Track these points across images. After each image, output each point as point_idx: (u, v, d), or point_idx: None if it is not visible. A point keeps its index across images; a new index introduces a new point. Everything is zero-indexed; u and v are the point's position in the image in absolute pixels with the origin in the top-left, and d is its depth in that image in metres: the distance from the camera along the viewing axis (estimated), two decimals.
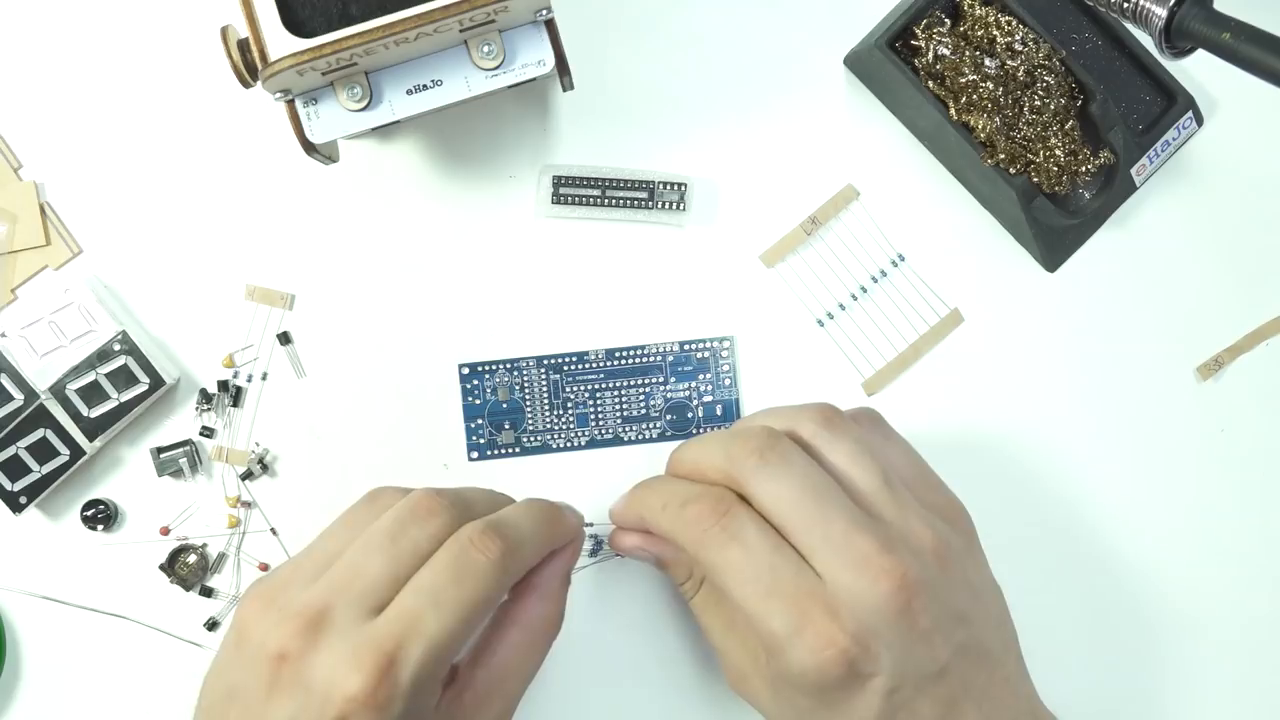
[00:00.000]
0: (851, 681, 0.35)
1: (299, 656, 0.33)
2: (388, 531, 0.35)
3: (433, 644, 0.33)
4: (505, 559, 0.35)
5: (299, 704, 0.33)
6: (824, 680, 0.35)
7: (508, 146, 0.46)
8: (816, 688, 0.35)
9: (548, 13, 0.37)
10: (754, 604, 0.35)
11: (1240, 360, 0.48)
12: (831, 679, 0.35)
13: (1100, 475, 0.47)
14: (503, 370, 0.45)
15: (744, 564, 0.36)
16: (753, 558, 0.36)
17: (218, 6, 0.44)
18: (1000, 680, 0.38)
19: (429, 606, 0.33)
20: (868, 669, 0.35)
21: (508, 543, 0.35)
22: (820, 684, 0.35)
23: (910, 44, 0.45)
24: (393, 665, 0.32)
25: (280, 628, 0.33)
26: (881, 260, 0.47)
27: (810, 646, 0.34)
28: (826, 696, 0.35)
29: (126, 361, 0.43)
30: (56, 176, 0.45)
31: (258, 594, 0.35)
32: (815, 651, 0.34)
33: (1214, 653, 0.47)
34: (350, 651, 0.32)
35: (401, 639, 0.33)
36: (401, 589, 0.34)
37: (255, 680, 0.33)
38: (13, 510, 0.43)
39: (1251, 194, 0.48)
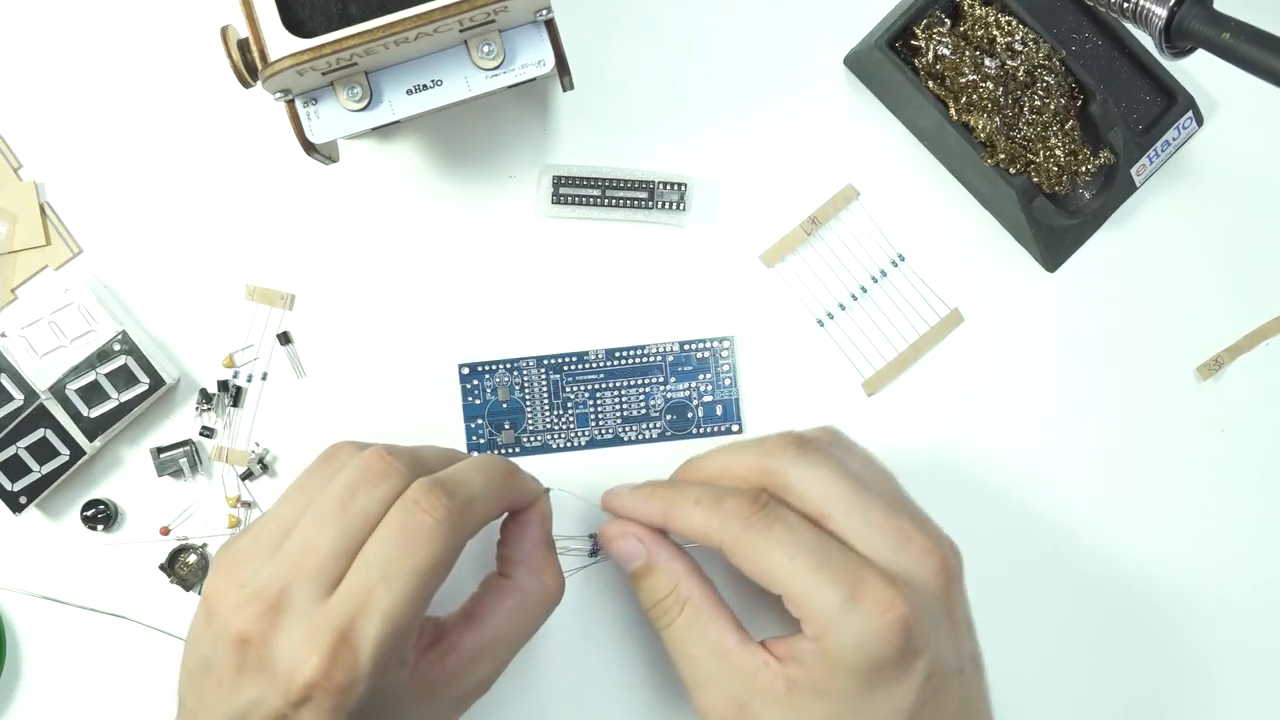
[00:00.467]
0: (903, 657, 0.34)
1: (261, 640, 0.33)
2: (338, 499, 0.35)
3: (387, 618, 0.33)
4: (454, 518, 0.34)
5: (263, 688, 0.33)
6: (883, 650, 0.34)
7: (508, 146, 0.46)
8: (871, 662, 0.34)
9: (548, 13, 0.37)
10: (803, 577, 0.35)
11: (1240, 360, 0.48)
12: (891, 648, 0.34)
13: (1100, 475, 0.47)
14: (503, 370, 0.45)
15: (790, 540, 0.35)
16: (799, 536, 0.35)
17: (218, 6, 0.44)
18: (986, 699, 0.38)
19: (379, 580, 0.33)
20: (919, 644, 0.34)
21: (455, 500, 0.35)
22: (876, 656, 0.34)
23: (910, 44, 0.45)
24: (348, 645, 0.32)
25: (242, 610, 0.33)
26: (881, 260, 0.47)
27: (870, 612, 0.34)
28: (878, 674, 0.34)
29: (126, 361, 0.43)
30: (56, 176, 0.45)
31: (222, 566, 0.35)
32: (876, 616, 0.34)
33: (1214, 653, 0.47)
34: (308, 634, 0.33)
35: (354, 616, 0.33)
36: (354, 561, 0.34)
37: (224, 659, 0.34)
38: (13, 510, 0.43)
39: (1251, 194, 0.48)
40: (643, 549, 0.39)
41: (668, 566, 0.39)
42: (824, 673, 0.35)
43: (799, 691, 0.35)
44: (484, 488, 0.36)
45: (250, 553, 0.35)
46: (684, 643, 0.38)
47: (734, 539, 0.36)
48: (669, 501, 0.39)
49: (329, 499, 0.35)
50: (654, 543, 0.39)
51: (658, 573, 0.39)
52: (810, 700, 0.35)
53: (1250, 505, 0.47)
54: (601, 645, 0.45)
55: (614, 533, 0.40)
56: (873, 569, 0.35)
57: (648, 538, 0.39)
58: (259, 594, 0.34)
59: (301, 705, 0.32)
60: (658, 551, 0.39)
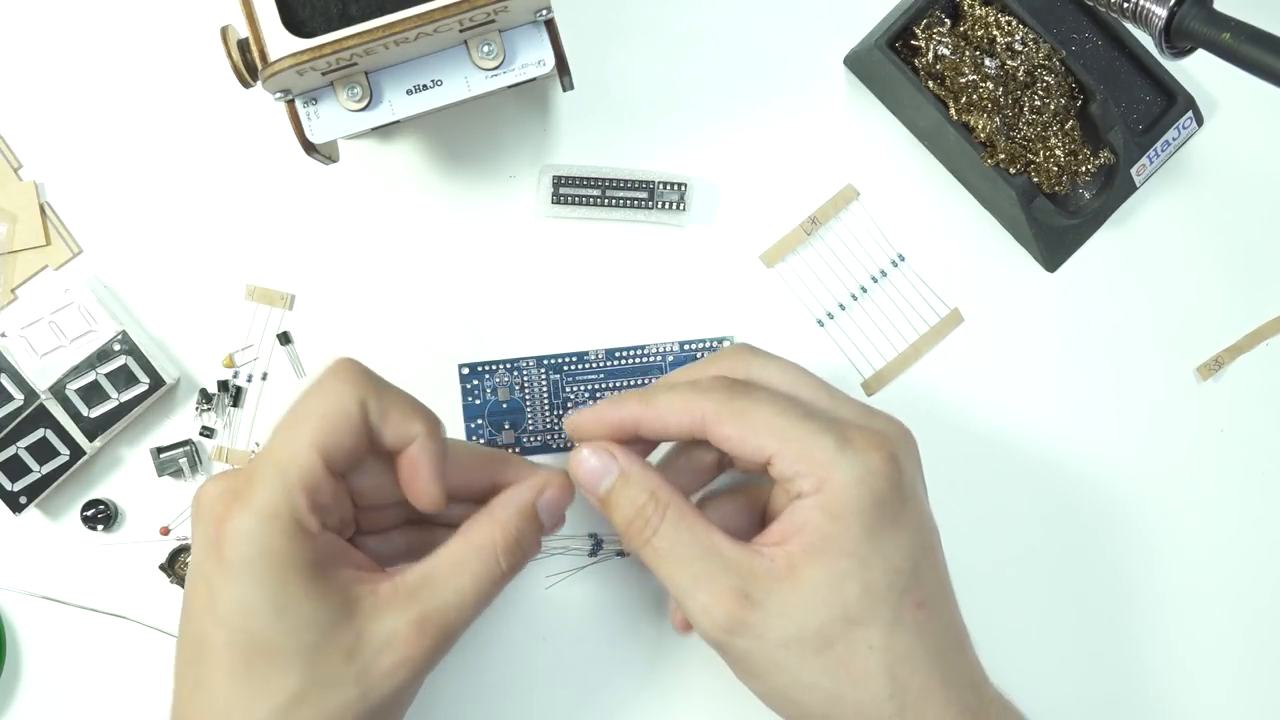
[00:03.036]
0: (901, 494, 0.35)
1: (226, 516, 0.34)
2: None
3: (281, 457, 0.34)
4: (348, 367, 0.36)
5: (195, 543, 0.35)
6: (882, 485, 0.35)
7: (508, 146, 0.46)
8: (873, 499, 0.35)
9: (548, 13, 0.37)
10: (797, 427, 0.35)
11: (1240, 360, 0.48)
12: (889, 482, 0.35)
13: (1100, 475, 0.47)
14: (503, 370, 0.45)
15: (773, 401, 0.36)
16: (779, 397, 0.37)
17: (218, 6, 0.44)
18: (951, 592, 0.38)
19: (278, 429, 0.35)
20: (910, 487, 0.36)
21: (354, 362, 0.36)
22: (877, 491, 0.35)
23: (910, 44, 0.45)
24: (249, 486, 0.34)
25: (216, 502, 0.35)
26: (881, 260, 0.47)
27: (864, 451, 0.35)
28: (882, 513, 0.35)
29: (126, 361, 0.43)
30: (56, 176, 0.45)
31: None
32: (870, 452, 0.35)
33: (1213, 653, 0.47)
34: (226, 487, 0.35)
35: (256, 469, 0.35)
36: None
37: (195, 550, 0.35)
38: (13, 510, 0.43)
39: (1251, 194, 0.48)
40: (615, 463, 0.37)
41: (643, 474, 0.37)
42: (829, 526, 0.35)
43: (804, 564, 0.35)
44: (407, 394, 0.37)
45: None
46: (673, 547, 0.36)
47: (719, 404, 0.36)
48: (641, 399, 0.38)
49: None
50: (625, 454, 0.38)
51: (633, 481, 0.37)
52: (818, 566, 0.35)
53: (1250, 505, 0.47)
54: (602, 645, 0.45)
55: (581, 453, 0.38)
56: (852, 424, 0.36)
57: (618, 450, 0.38)
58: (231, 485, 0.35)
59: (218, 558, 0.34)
60: (630, 462, 0.37)
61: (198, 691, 0.34)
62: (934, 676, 0.35)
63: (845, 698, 0.35)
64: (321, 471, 0.35)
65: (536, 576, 0.45)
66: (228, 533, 0.33)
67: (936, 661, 0.35)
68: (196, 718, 0.34)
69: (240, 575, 0.33)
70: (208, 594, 0.34)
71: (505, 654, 0.45)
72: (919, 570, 0.36)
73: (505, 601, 0.45)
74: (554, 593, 0.45)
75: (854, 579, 0.35)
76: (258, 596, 0.33)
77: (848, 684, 0.35)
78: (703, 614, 0.35)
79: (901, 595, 0.35)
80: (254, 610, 0.33)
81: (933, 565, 0.37)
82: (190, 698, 0.34)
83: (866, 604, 0.35)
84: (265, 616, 0.33)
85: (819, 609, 0.34)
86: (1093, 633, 0.46)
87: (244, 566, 0.33)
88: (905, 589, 0.35)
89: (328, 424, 0.35)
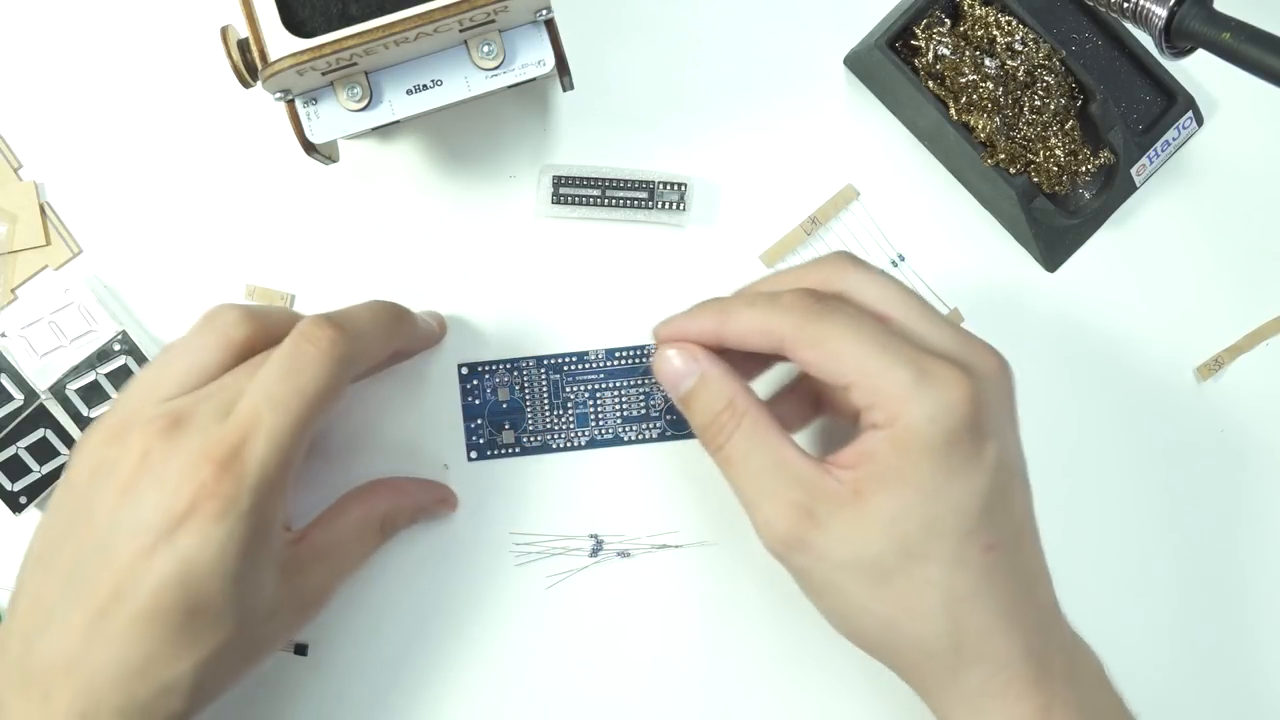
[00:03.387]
0: (976, 434, 0.34)
1: (161, 450, 0.34)
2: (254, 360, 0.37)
3: (272, 439, 0.34)
4: (338, 347, 0.36)
5: (153, 498, 0.34)
6: (956, 424, 0.34)
7: (508, 146, 0.46)
8: (946, 437, 0.34)
9: (548, 13, 0.37)
10: (874, 358, 0.35)
11: (1240, 360, 0.48)
12: (964, 422, 0.34)
13: (1100, 475, 0.47)
14: (503, 370, 0.45)
15: (855, 326, 0.35)
16: (862, 322, 0.35)
17: (218, 6, 0.44)
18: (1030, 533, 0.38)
19: (264, 405, 0.35)
20: (988, 425, 0.35)
21: (341, 332, 0.36)
22: (951, 430, 0.34)
23: (910, 44, 0.45)
24: (238, 459, 0.34)
25: (145, 430, 0.35)
26: (881, 260, 0.47)
27: (941, 387, 0.34)
28: (952, 452, 0.34)
29: (126, 361, 0.43)
30: (56, 176, 0.45)
31: (108, 419, 0.36)
32: (947, 390, 0.34)
33: (1211, 653, 0.47)
34: (202, 446, 0.34)
35: (244, 436, 0.34)
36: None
37: (108, 487, 0.35)
38: (13, 510, 0.43)
39: (1251, 194, 0.48)
40: (696, 365, 0.38)
41: (722, 380, 0.37)
42: (897, 460, 0.34)
43: (869, 492, 0.35)
44: (370, 325, 0.38)
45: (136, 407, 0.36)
46: (745, 456, 0.37)
47: (796, 329, 0.36)
48: (721, 309, 0.38)
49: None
50: (707, 358, 0.38)
51: (712, 386, 0.37)
52: (883, 496, 0.34)
53: (1250, 505, 0.47)
54: (602, 645, 0.45)
55: (666, 353, 0.38)
56: (936, 352, 0.35)
57: (700, 353, 0.38)
58: (161, 415, 0.35)
59: (182, 523, 0.33)
60: (710, 366, 0.38)
61: (97, 630, 0.33)
62: (997, 620, 0.35)
63: (901, 628, 0.35)
64: (300, 453, 0.35)
65: (537, 576, 0.45)
66: (206, 506, 0.33)
67: (1001, 605, 0.35)
68: (93, 657, 0.33)
69: (209, 544, 0.33)
70: (151, 546, 0.33)
71: (505, 654, 0.45)
72: (991, 512, 0.35)
73: (505, 601, 0.45)
74: (554, 593, 0.45)
75: (916, 515, 0.34)
76: (222, 566, 0.34)
77: (904, 616, 0.35)
78: (765, 526, 0.36)
79: (968, 536, 0.34)
80: (213, 575, 0.34)
81: (1007, 507, 0.35)
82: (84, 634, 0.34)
83: (929, 541, 0.34)
84: (221, 582, 0.34)
85: (880, 539, 0.34)
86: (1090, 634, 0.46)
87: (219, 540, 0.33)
88: (972, 530, 0.34)
89: (316, 408, 0.35)
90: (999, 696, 0.35)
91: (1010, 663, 0.35)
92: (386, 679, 0.44)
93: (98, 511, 0.34)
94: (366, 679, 0.44)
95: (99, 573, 0.34)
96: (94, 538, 0.34)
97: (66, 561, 0.35)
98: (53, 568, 0.35)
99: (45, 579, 0.35)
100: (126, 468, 0.34)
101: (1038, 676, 0.35)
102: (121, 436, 0.35)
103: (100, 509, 0.34)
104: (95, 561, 0.34)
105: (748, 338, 0.37)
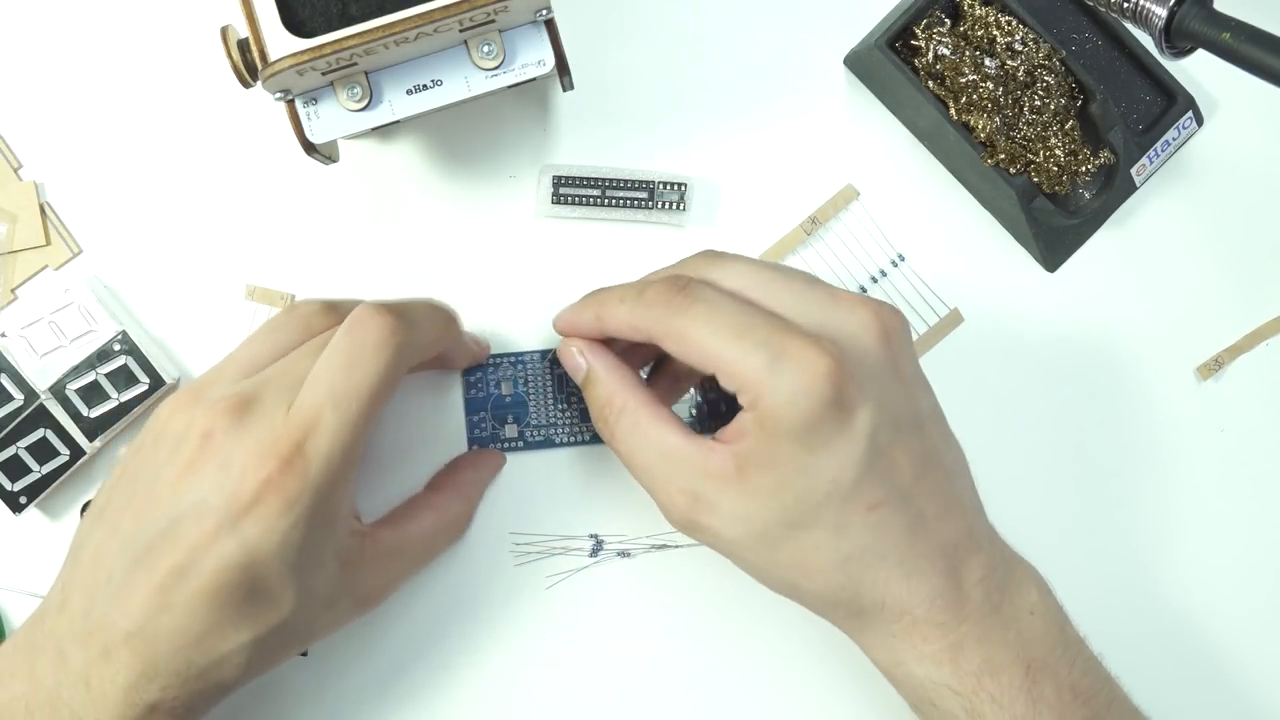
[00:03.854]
0: (840, 409, 0.35)
1: (225, 433, 0.35)
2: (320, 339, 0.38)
3: (335, 436, 0.35)
4: (396, 336, 0.36)
5: (216, 480, 0.34)
6: (813, 405, 0.34)
7: (508, 146, 0.46)
8: (805, 418, 0.34)
9: (548, 13, 0.37)
10: (730, 346, 0.35)
11: (1240, 360, 0.48)
12: (821, 402, 0.34)
13: (1100, 475, 0.47)
14: (506, 364, 0.45)
15: (710, 315, 0.36)
16: (719, 308, 0.36)
17: (218, 6, 0.44)
18: (960, 461, 0.39)
19: (326, 401, 0.35)
20: (855, 395, 0.35)
21: (396, 318, 0.36)
22: (809, 411, 0.34)
23: (910, 44, 0.45)
24: (301, 456, 0.34)
25: (211, 410, 0.35)
26: (881, 260, 0.47)
27: (796, 368, 0.34)
28: (815, 430, 0.35)
29: (126, 361, 0.43)
30: (56, 176, 0.45)
31: (181, 392, 0.37)
32: (802, 371, 0.34)
33: (1211, 653, 0.47)
34: (269, 439, 0.34)
35: (308, 431, 0.35)
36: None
37: (173, 462, 0.35)
38: (13, 510, 0.43)
39: (1251, 194, 0.48)
40: (583, 361, 0.40)
41: (604, 377, 0.39)
42: (765, 440, 0.35)
43: (748, 467, 0.36)
44: (426, 317, 0.39)
45: (216, 381, 0.37)
46: (630, 449, 0.38)
47: (660, 325, 0.37)
48: (599, 305, 0.40)
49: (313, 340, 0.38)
50: (593, 353, 0.40)
51: (596, 383, 0.40)
52: (759, 473, 0.36)
53: (1250, 505, 0.47)
54: (602, 645, 0.45)
55: (560, 348, 0.41)
56: (795, 330, 0.35)
57: (587, 349, 0.40)
58: (229, 397, 0.36)
59: (247, 512, 0.34)
60: (594, 362, 0.40)
61: (159, 601, 0.34)
62: (894, 569, 0.36)
63: (802, 585, 0.37)
64: (361, 446, 0.36)
65: (537, 576, 0.45)
66: (271, 499, 0.34)
67: (895, 554, 0.36)
68: (154, 625, 0.34)
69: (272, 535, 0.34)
70: (215, 529, 0.34)
71: (505, 653, 0.45)
72: (869, 474, 0.35)
73: (506, 601, 0.45)
74: (554, 593, 0.45)
75: (792, 489, 0.35)
76: (284, 556, 0.35)
77: (800, 576, 0.37)
78: (663, 510, 0.38)
79: (846, 501, 0.35)
80: (274, 563, 0.35)
81: (889, 465, 0.36)
82: (146, 602, 0.35)
83: (808, 510, 0.36)
84: (282, 570, 0.35)
85: (763, 511, 0.36)
86: (1091, 635, 0.46)
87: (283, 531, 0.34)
88: (849, 495, 0.35)
89: (376, 402, 0.36)
90: (906, 637, 0.37)
91: (912, 607, 0.36)
92: (386, 679, 0.44)
93: (162, 482, 0.35)
94: (366, 679, 0.44)
95: (163, 546, 0.35)
96: (158, 509, 0.35)
97: (129, 526, 0.36)
98: (117, 529, 0.36)
99: (108, 539, 0.36)
100: (191, 445, 0.35)
101: (946, 618, 0.36)
102: (188, 410, 0.36)
103: (164, 480, 0.35)
104: (159, 534, 0.35)
105: (623, 333, 0.39)
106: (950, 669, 0.36)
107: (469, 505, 0.44)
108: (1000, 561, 0.38)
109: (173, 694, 0.35)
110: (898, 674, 0.38)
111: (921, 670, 0.37)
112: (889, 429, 0.36)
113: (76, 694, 0.35)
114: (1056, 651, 0.37)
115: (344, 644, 0.44)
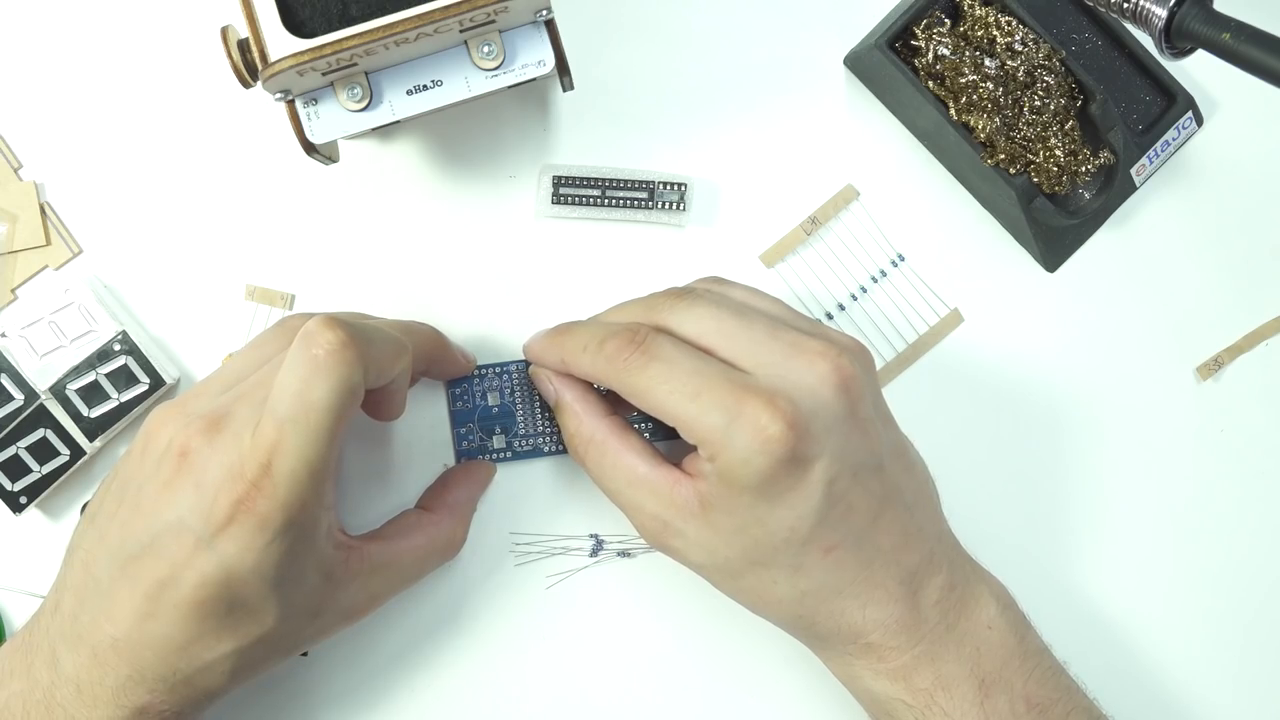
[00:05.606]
0: (795, 466, 0.35)
1: (198, 452, 0.35)
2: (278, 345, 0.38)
3: (298, 455, 0.34)
4: (346, 349, 0.34)
5: (192, 501, 0.35)
6: (768, 465, 0.35)
7: (508, 146, 0.46)
8: (760, 477, 0.35)
9: (548, 13, 0.37)
10: (684, 407, 0.36)
11: (1240, 360, 0.48)
12: (775, 462, 0.35)
13: (1100, 475, 0.47)
14: (491, 375, 0.45)
15: (667, 374, 0.36)
16: (676, 367, 0.36)
17: (218, 6, 0.44)
18: (923, 490, 0.39)
19: (286, 422, 0.34)
20: (810, 450, 0.35)
21: (349, 333, 0.35)
22: (764, 471, 0.35)
23: (910, 44, 0.45)
24: (268, 477, 0.34)
25: (188, 426, 0.36)
26: (881, 260, 0.47)
27: (750, 430, 0.35)
28: (771, 487, 0.35)
29: (126, 361, 0.43)
30: (56, 176, 0.45)
31: (169, 404, 0.38)
32: (757, 433, 0.35)
33: (1211, 653, 0.47)
34: (238, 459, 0.34)
35: (271, 452, 0.34)
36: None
37: (155, 477, 0.36)
38: (13, 510, 0.43)
39: (1251, 194, 0.48)
40: (552, 389, 0.42)
41: (574, 406, 0.41)
42: (723, 490, 0.36)
43: (710, 509, 0.37)
44: (390, 333, 0.38)
45: (199, 394, 0.38)
46: (600, 477, 0.40)
47: (619, 382, 0.38)
48: (561, 348, 0.41)
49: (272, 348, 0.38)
50: (562, 384, 0.41)
51: (567, 412, 0.41)
52: (720, 516, 0.37)
53: (1249, 505, 0.47)
54: (602, 645, 0.45)
55: (532, 372, 0.43)
56: (751, 387, 0.35)
57: (557, 379, 0.41)
58: (205, 414, 0.36)
59: (222, 531, 0.34)
60: (563, 392, 0.41)
61: (144, 610, 0.35)
62: (849, 600, 0.37)
63: (763, 611, 0.39)
64: (332, 459, 0.36)
65: (537, 576, 0.45)
66: (245, 519, 0.34)
67: (851, 588, 0.37)
68: (140, 632, 0.35)
69: (249, 553, 0.34)
70: (193, 546, 0.34)
71: (505, 654, 0.45)
72: (826, 521, 0.36)
73: (506, 601, 0.45)
74: (554, 593, 0.45)
75: (749, 533, 0.37)
76: (262, 572, 0.35)
77: (761, 605, 0.39)
78: (637, 531, 0.40)
79: (804, 546, 0.36)
80: (253, 579, 0.35)
81: (846, 512, 0.36)
82: (132, 611, 0.35)
83: (765, 553, 0.37)
84: (261, 586, 0.35)
85: (724, 549, 0.37)
86: (1086, 632, 0.46)
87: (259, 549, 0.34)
88: (807, 540, 0.36)
89: (336, 417, 0.35)
90: (862, 657, 0.38)
91: (867, 633, 0.38)
92: (386, 679, 0.44)
93: (145, 496, 0.36)
94: (366, 679, 0.44)
95: (146, 559, 0.35)
96: (141, 522, 0.35)
97: (116, 535, 0.36)
98: (105, 537, 0.37)
99: (96, 546, 0.37)
100: (170, 462, 0.35)
101: (900, 641, 0.37)
102: (172, 423, 0.36)
103: (148, 494, 0.36)
104: (142, 547, 0.35)
105: (586, 378, 0.40)
106: (904, 685, 0.38)
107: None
108: (960, 580, 0.39)
109: (160, 698, 0.36)
110: (855, 687, 0.40)
111: (877, 685, 0.38)
112: (846, 477, 0.36)
113: (68, 695, 0.36)
114: (1013, 664, 0.38)
115: (344, 644, 0.44)
